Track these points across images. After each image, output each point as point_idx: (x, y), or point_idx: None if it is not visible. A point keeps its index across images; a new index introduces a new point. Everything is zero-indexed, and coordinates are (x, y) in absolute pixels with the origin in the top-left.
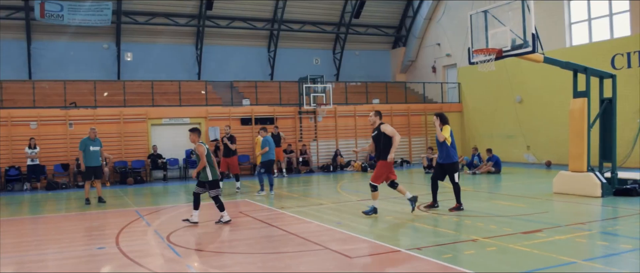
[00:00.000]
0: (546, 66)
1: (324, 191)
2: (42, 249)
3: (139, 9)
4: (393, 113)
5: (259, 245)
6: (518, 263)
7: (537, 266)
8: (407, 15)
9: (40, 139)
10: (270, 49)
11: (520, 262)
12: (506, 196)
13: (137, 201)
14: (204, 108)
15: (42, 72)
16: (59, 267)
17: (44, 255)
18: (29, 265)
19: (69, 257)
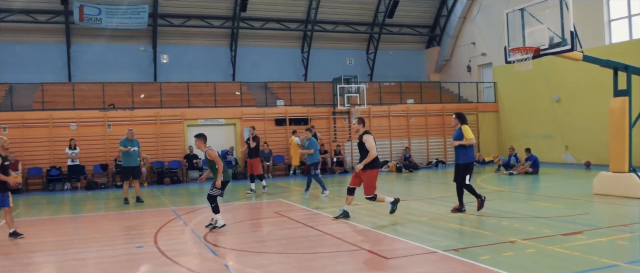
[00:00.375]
0: (585, 64)
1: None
2: (82, 248)
3: (174, 11)
4: (427, 113)
5: (294, 245)
6: (558, 265)
7: (578, 268)
8: (441, 15)
9: (79, 140)
10: (304, 50)
11: (560, 264)
12: (544, 197)
13: (174, 201)
14: (238, 109)
15: (81, 74)
16: (99, 266)
17: (84, 254)
18: (69, 264)
19: (108, 255)
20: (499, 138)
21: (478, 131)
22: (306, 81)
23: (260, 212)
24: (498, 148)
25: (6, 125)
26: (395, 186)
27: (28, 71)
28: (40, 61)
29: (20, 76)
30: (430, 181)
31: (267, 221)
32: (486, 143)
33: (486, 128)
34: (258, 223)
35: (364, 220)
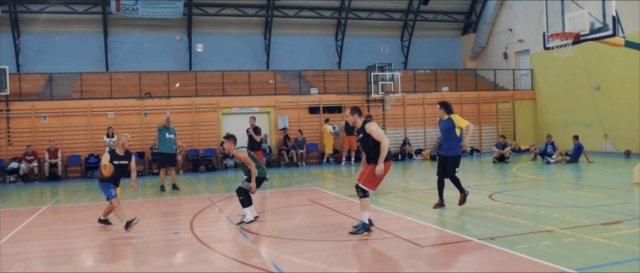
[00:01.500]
0: (626, 50)
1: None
2: (121, 233)
3: (209, 0)
4: (463, 101)
5: (329, 232)
6: (597, 255)
7: (618, 259)
8: (477, 1)
9: (117, 128)
10: (338, 38)
11: (599, 254)
12: (583, 186)
13: (209, 189)
14: (273, 97)
15: (119, 63)
16: (137, 250)
17: (123, 239)
18: (109, 249)
19: (146, 241)
20: (536, 126)
21: (514, 119)
22: (340, 69)
23: (294, 200)
24: (535, 136)
25: (46, 114)
26: (429, 174)
27: (67, 61)
28: (79, 51)
29: (60, 66)
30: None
31: (301, 209)
32: (522, 131)
33: (523, 116)
34: (293, 211)
35: (398, 208)
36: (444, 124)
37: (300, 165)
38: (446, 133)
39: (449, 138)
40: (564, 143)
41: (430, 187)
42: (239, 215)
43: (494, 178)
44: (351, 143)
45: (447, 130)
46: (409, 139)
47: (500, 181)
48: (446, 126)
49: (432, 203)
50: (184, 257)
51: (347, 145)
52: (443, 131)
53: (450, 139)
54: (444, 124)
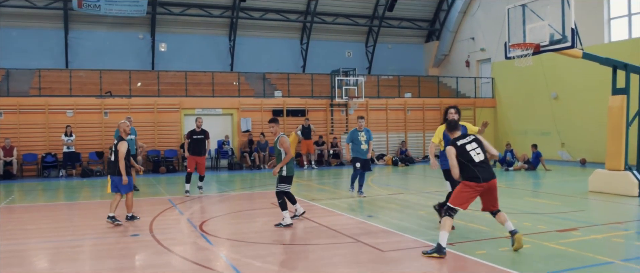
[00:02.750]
0: (584, 61)
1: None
2: (78, 235)
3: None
4: (425, 108)
5: (290, 236)
6: (553, 261)
7: (573, 265)
8: (441, 9)
9: (76, 127)
10: (303, 41)
11: (555, 261)
12: (541, 193)
13: (169, 190)
14: (236, 99)
15: (79, 61)
16: (95, 253)
17: (80, 241)
18: (65, 250)
19: (104, 243)
20: (496, 134)
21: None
22: (304, 73)
23: (256, 203)
24: (495, 143)
25: (2, 111)
26: (391, 179)
27: (25, 56)
28: (38, 47)
29: (18, 62)
30: (426, 176)
31: (263, 212)
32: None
33: None
34: (254, 214)
35: (360, 213)
36: (463, 129)
37: (263, 168)
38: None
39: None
40: (523, 151)
41: (392, 192)
42: (282, 219)
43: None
44: (309, 147)
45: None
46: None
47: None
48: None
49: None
50: (143, 259)
51: (304, 149)
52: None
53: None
54: (464, 130)
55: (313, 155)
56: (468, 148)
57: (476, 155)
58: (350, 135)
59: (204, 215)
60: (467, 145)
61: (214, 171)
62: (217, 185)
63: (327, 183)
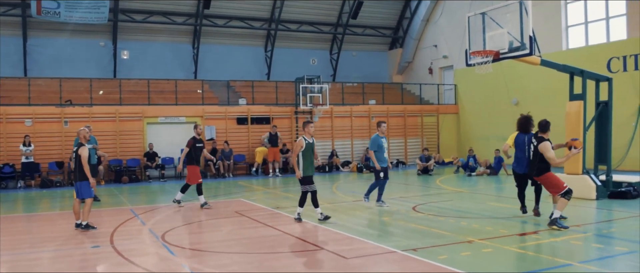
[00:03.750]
0: (543, 68)
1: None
2: (37, 247)
3: (136, 7)
4: (389, 114)
5: (255, 245)
6: (513, 264)
7: (533, 268)
8: (404, 17)
9: (35, 136)
10: (268, 49)
11: (515, 264)
12: (503, 197)
13: (132, 200)
14: (200, 107)
15: (39, 69)
16: (54, 266)
17: (38, 254)
18: (24, 264)
19: (64, 255)
20: (459, 140)
21: (438, 132)
22: (269, 80)
23: (220, 212)
24: (458, 149)
25: None
26: (356, 186)
27: None
28: None
29: None
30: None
31: (227, 221)
32: (446, 145)
33: (446, 129)
34: (218, 223)
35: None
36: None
37: (227, 176)
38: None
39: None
40: (485, 156)
41: (357, 199)
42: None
43: (418, 189)
44: (275, 155)
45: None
46: (336, 151)
47: (424, 193)
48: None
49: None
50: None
51: (271, 156)
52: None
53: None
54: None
55: (278, 163)
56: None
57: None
58: (376, 142)
59: (166, 225)
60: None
61: (178, 180)
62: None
63: (292, 190)
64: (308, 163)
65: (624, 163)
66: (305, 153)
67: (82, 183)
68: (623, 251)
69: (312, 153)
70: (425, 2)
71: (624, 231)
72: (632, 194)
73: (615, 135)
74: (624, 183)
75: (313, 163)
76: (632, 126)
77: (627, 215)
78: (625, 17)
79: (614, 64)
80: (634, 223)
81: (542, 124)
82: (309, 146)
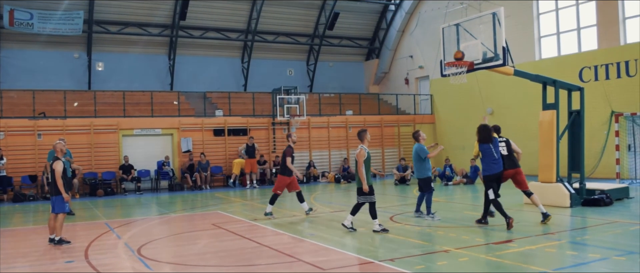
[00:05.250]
0: (516, 78)
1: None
2: (9, 263)
3: (111, 18)
4: (366, 124)
5: (231, 257)
6: None
7: None
8: (380, 28)
9: (7, 150)
10: (244, 60)
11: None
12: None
13: (107, 214)
14: (176, 119)
15: (11, 81)
16: None
17: (11, 269)
18: None
19: (37, 270)
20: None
21: None
22: (246, 91)
23: (197, 224)
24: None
25: None
26: (334, 196)
27: None
28: None
29: None
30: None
31: (204, 233)
32: None
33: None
34: (195, 236)
35: (301, 231)
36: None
37: (204, 188)
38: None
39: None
40: (461, 165)
41: (334, 210)
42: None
43: (396, 199)
44: (252, 166)
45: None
46: (314, 162)
47: (401, 203)
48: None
49: (336, 226)
50: None
51: (248, 168)
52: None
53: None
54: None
55: (255, 174)
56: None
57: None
58: (424, 149)
59: (142, 239)
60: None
61: (154, 193)
62: (157, 207)
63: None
64: (369, 173)
65: (597, 171)
66: (367, 163)
67: (56, 197)
68: (597, 257)
69: (369, 163)
70: (401, 13)
71: (597, 238)
72: (605, 201)
73: (588, 143)
74: (596, 191)
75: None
76: (604, 134)
77: (601, 222)
78: (595, 28)
79: (586, 73)
80: (608, 230)
81: (497, 128)
82: (369, 156)
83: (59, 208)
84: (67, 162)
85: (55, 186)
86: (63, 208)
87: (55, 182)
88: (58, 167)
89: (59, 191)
